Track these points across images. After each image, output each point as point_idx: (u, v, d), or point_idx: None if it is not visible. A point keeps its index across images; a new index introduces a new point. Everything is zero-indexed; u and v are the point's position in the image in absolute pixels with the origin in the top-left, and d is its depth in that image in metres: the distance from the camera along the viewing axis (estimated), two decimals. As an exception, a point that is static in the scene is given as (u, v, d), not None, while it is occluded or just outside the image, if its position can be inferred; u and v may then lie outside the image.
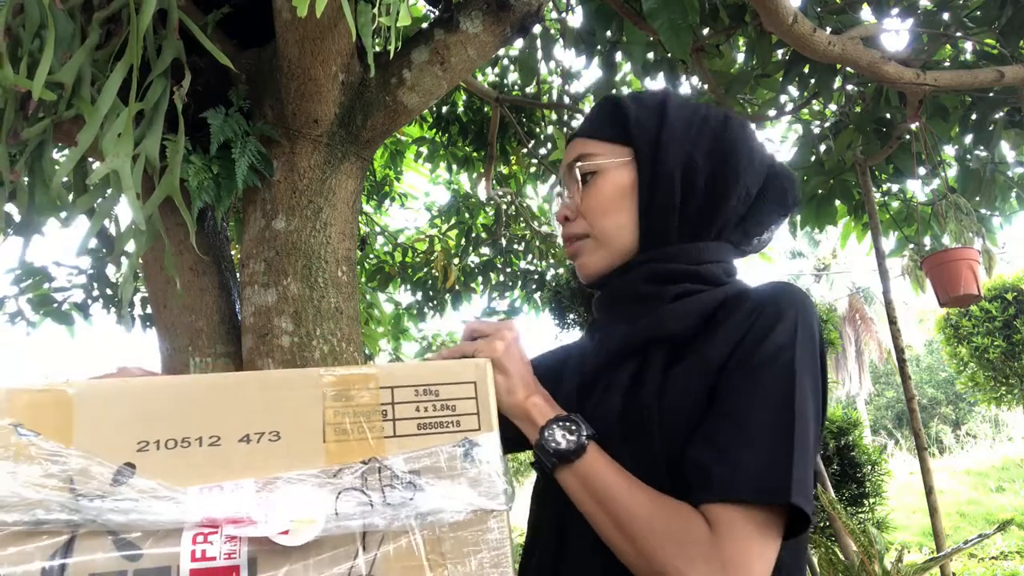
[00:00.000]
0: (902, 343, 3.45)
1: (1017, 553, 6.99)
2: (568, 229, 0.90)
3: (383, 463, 0.65)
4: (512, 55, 4.03)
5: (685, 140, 0.84)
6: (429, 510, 0.63)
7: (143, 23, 1.31)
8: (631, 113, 0.86)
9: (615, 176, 0.86)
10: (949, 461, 12.16)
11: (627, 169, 0.86)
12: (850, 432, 5.12)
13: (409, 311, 4.82)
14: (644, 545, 0.66)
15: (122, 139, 1.33)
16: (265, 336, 1.70)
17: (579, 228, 0.89)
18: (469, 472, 0.66)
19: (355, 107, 1.84)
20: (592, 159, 0.87)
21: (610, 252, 0.86)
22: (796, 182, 0.90)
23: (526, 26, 1.99)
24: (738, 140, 0.85)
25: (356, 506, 0.62)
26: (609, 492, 0.69)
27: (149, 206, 1.46)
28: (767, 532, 0.65)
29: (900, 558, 2.86)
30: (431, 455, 0.66)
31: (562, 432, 0.73)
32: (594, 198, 0.87)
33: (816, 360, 0.73)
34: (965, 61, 3.10)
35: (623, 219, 0.85)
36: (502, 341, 0.77)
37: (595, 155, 0.87)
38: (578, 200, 0.88)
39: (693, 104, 0.89)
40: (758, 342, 0.72)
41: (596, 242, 0.87)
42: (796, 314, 0.73)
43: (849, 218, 4.06)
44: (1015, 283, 7.30)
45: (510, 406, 0.76)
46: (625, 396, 0.77)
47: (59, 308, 2.84)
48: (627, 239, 0.85)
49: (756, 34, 2.76)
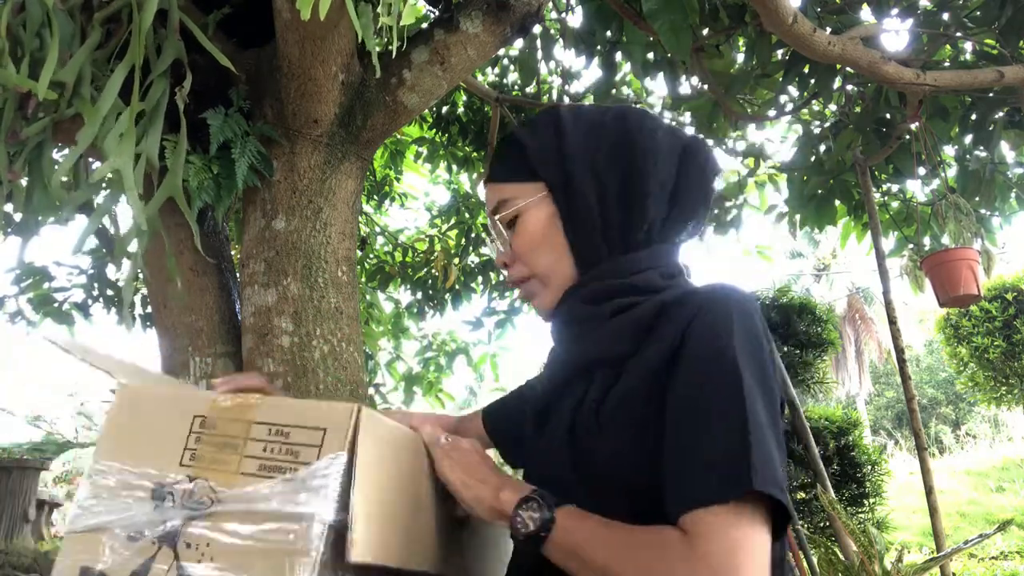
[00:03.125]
0: (902, 343, 3.45)
1: (1017, 553, 6.99)
2: (511, 275, 0.92)
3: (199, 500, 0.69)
4: (512, 55, 4.03)
5: (587, 156, 0.84)
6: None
7: (144, 23, 1.31)
8: (529, 148, 0.87)
9: (535, 214, 0.87)
10: (949, 461, 12.15)
11: (544, 203, 0.87)
12: (850, 432, 5.12)
13: (409, 311, 4.82)
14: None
15: (124, 139, 1.33)
16: (265, 336, 1.70)
17: (520, 272, 0.90)
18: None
19: (355, 107, 1.84)
20: (509, 204, 0.88)
21: (556, 287, 0.87)
22: (710, 151, 0.89)
23: (526, 26, 1.99)
24: (639, 136, 0.84)
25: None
26: (586, 551, 0.69)
27: (151, 206, 1.46)
28: (742, 524, 0.64)
29: (900, 558, 2.85)
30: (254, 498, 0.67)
31: (527, 514, 0.72)
32: (523, 240, 0.88)
33: (761, 356, 0.72)
34: (965, 61, 3.10)
35: (556, 252, 0.86)
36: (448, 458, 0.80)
37: (511, 199, 0.88)
38: (510, 247, 0.90)
39: (588, 112, 0.89)
40: (698, 346, 0.72)
41: (540, 282, 0.89)
42: (732, 313, 0.73)
43: (849, 218, 4.06)
44: (1015, 283, 7.30)
45: (484, 513, 0.77)
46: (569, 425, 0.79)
47: (59, 308, 2.84)
48: (566, 269, 0.86)
49: (756, 34, 2.76)
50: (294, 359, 1.68)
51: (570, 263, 0.86)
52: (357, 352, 1.80)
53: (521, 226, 0.88)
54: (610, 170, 0.84)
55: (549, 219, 0.87)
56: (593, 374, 0.80)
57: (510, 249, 0.90)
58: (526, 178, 0.88)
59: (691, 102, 3.52)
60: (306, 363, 1.69)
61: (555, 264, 0.87)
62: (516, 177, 0.89)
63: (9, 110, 1.36)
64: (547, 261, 0.87)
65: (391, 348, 4.73)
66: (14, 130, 1.37)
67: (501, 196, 0.90)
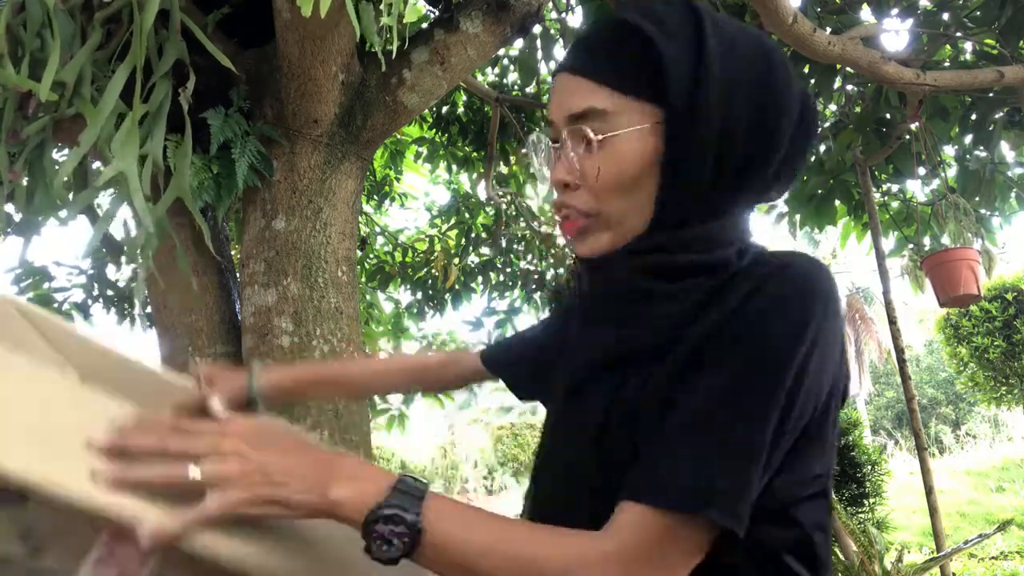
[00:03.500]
0: (902, 343, 3.45)
1: (1017, 553, 6.99)
2: (568, 199, 0.71)
3: None
4: (512, 55, 4.03)
5: (726, 95, 0.65)
6: None
7: (146, 24, 1.31)
8: (666, 56, 0.65)
9: (638, 144, 0.66)
10: (949, 461, 12.15)
11: (653, 136, 0.66)
12: (850, 432, 5.12)
13: (409, 311, 4.82)
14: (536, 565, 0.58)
15: (128, 141, 1.33)
16: (265, 336, 1.70)
17: (583, 203, 0.70)
18: None
19: (355, 107, 1.84)
20: (608, 118, 0.67)
21: (621, 234, 0.69)
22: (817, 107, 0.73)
23: (526, 26, 1.99)
24: (782, 86, 0.67)
25: None
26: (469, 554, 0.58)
27: (159, 208, 1.46)
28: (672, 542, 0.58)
29: (900, 558, 2.86)
30: None
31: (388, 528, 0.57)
32: (611, 171, 0.67)
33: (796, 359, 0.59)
34: (965, 61, 3.10)
35: (641, 198, 0.68)
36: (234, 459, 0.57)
37: (611, 112, 0.67)
38: (587, 167, 0.68)
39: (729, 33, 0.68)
40: (739, 330, 0.61)
41: (604, 222, 0.70)
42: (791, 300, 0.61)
43: (849, 218, 4.06)
44: (1015, 283, 7.31)
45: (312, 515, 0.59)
46: (602, 423, 0.66)
47: (59, 308, 2.85)
48: (642, 218, 0.69)
49: (756, 34, 2.75)
50: (294, 359, 1.68)
51: (648, 212, 0.68)
52: (357, 352, 1.80)
53: (611, 151, 0.67)
54: (746, 120, 0.66)
55: (651, 156, 0.66)
56: (637, 364, 0.66)
57: (585, 169, 0.68)
58: (643, 93, 0.66)
59: (691, 102, 3.52)
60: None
61: (634, 210, 0.68)
62: (628, 86, 0.67)
63: (9, 110, 1.36)
64: (627, 205, 0.68)
65: (391, 348, 4.73)
66: (15, 130, 1.37)
67: (595, 102, 0.67)
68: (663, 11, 0.68)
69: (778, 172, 0.70)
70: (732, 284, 0.64)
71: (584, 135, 0.68)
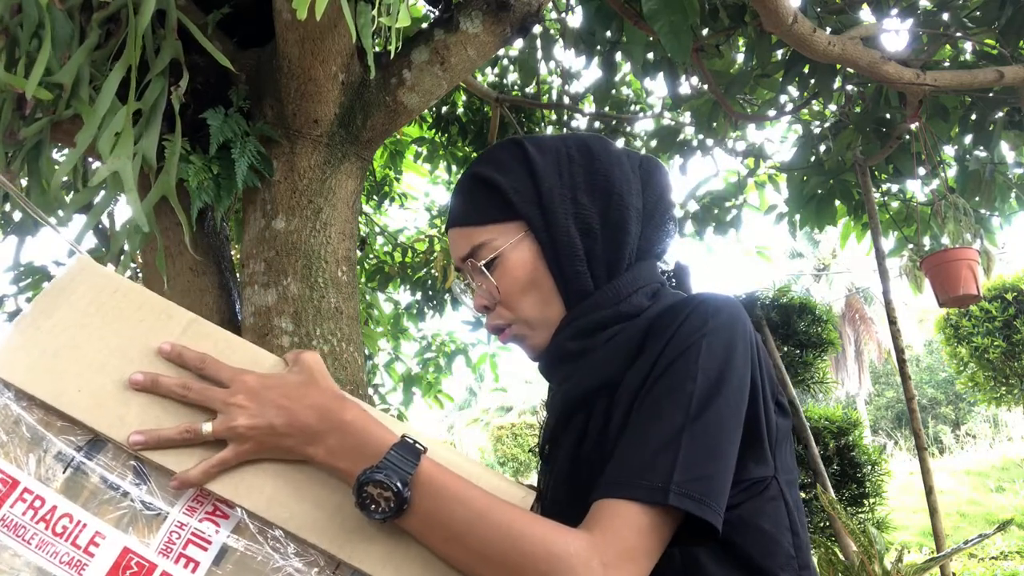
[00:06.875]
0: (902, 343, 3.45)
1: (1017, 553, 6.99)
2: (493, 321, 0.86)
3: None
4: (512, 55, 4.03)
5: (563, 189, 0.82)
6: None
7: (142, 23, 1.31)
8: (504, 185, 0.83)
9: (519, 255, 0.83)
10: (949, 461, 12.16)
11: (526, 243, 0.83)
12: (850, 432, 5.11)
13: (409, 311, 4.81)
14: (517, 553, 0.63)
15: (122, 139, 1.33)
16: (265, 336, 1.70)
17: (504, 318, 0.86)
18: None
19: (355, 107, 1.84)
20: (487, 248, 0.83)
21: (547, 327, 0.84)
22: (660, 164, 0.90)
23: (526, 26, 1.99)
24: (608, 164, 0.84)
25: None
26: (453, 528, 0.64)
27: (145, 205, 1.46)
28: (643, 529, 0.64)
29: (900, 558, 2.86)
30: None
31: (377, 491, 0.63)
32: (509, 283, 0.83)
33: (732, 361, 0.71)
34: (965, 61, 3.10)
35: (543, 292, 0.83)
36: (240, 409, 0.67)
37: (488, 242, 0.83)
38: (491, 289, 0.84)
39: (550, 144, 0.86)
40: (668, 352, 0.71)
41: (526, 323, 0.85)
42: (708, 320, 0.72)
43: (849, 218, 4.06)
44: (1015, 283, 7.30)
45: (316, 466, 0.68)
46: (572, 456, 0.78)
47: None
48: (555, 308, 0.84)
49: (756, 34, 2.75)
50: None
51: (559, 300, 0.83)
52: (357, 352, 1.80)
53: (503, 269, 0.83)
54: (588, 201, 0.82)
55: (533, 259, 0.83)
56: (593, 405, 0.78)
57: (493, 293, 0.85)
58: (502, 218, 0.84)
59: (691, 102, 3.52)
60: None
61: (544, 305, 0.84)
62: (490, 218, 0.84)
63: (7, 110, 1.35)
64: (534, 303, 0.84)
65: (390, 349, 4.72)
66: (12, 130, 1.37)
67: (475, 240, 0.84)
68: (496, 152, 0.87)
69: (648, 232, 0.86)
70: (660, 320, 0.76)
71: (477, 267, 0.84)
